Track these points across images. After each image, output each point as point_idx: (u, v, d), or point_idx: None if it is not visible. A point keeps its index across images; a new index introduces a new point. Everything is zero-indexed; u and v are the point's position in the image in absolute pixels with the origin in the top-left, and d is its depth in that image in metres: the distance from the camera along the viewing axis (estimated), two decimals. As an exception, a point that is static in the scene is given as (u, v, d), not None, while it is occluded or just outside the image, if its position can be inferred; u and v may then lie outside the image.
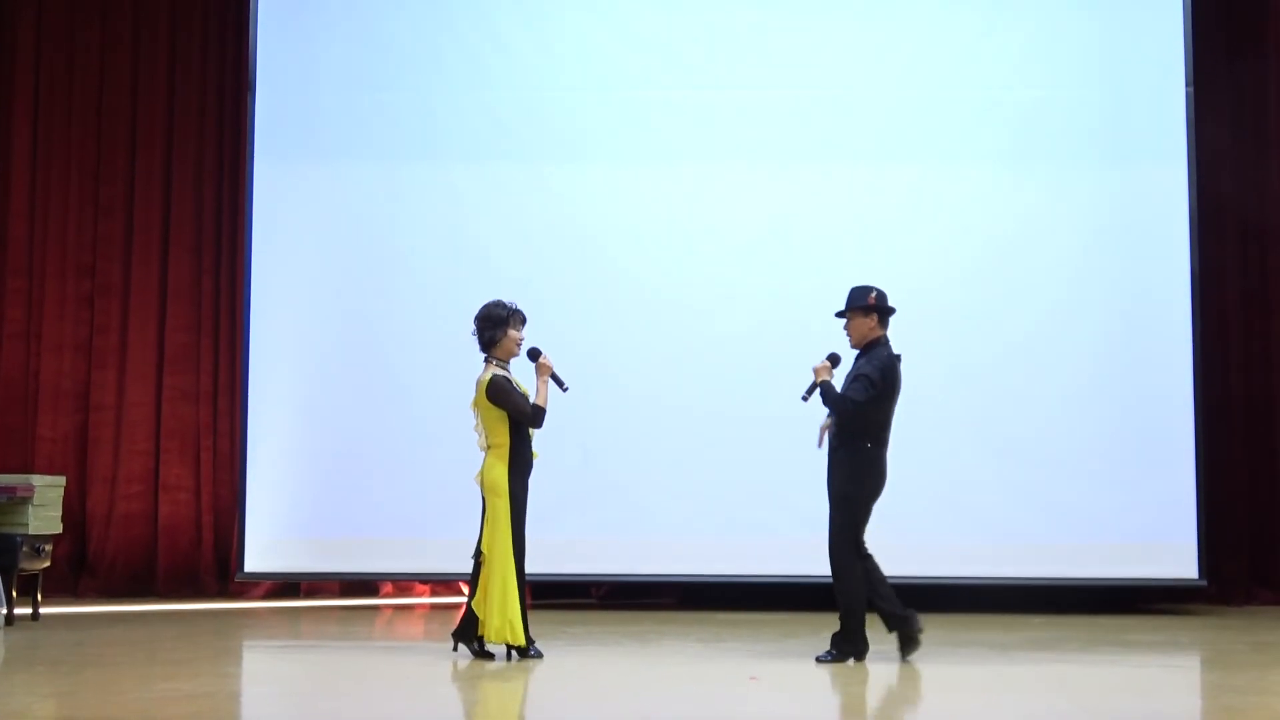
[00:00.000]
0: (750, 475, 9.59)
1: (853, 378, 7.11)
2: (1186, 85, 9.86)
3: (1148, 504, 9.62)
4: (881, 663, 7.20)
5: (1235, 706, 5.94)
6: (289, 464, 9.92)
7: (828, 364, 7.19)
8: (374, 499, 9.81)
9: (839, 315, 7.29)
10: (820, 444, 7.23)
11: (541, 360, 7.10)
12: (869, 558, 7.21)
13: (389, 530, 9.73)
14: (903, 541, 9.60)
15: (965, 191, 9.94)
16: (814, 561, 9.63)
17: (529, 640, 7.06)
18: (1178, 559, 9.57)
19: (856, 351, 7.26)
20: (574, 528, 9.58)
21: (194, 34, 11.03)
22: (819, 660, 7.07)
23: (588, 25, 10.18)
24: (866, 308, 7.18)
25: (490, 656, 7.05)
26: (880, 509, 9.54)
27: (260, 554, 9.91)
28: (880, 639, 7.92)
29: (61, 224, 10.94)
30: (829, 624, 8.90)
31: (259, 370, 10.00)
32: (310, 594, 10.65)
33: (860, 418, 7.05)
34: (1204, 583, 9.66)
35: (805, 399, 7.21)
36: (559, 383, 7.10)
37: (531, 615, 7.21)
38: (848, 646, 7.08)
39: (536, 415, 7.02)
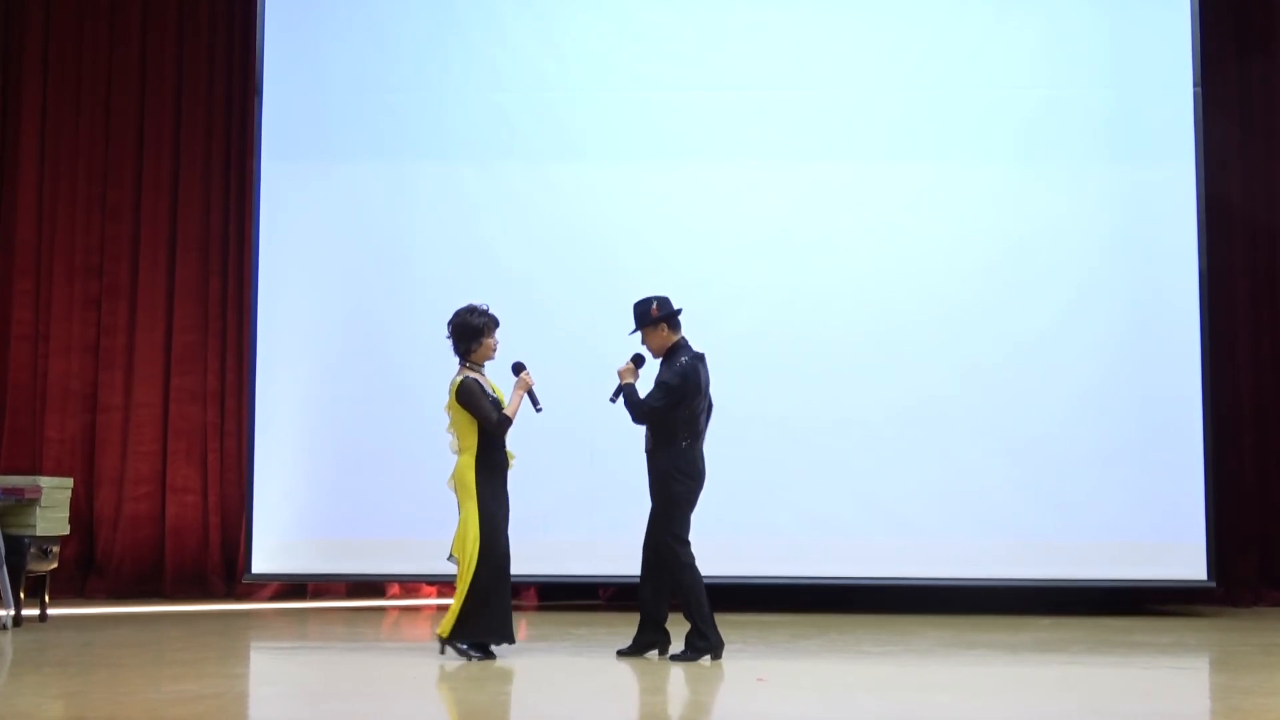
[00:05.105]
0: (757, 476, 9.57)
1: (654, 385, 7.21)
2: (1195, 85, 9.85)
3: (1156, 504, 9.59)
4: (887, 665, 7.20)
5: (1243, 708, 5.92)
6: (296, 465, 9.92)
7: (631, 366, 7.30)
8: (381, 500, 9.81)
9: (632, 334, 7.35)
10: (614, 398, 7.24)
11: (522, 376, 7.16)
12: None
13: (396, 531, 9.73)
14: (909, 542, 9.62)
15: (973, 191, 9.93)
16: (821, 563, 9.70)
17: (505, 638, 7.06)
18: (1186, 560, 9.54)
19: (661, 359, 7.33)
20: (581, 528, 9.59)
21: (201, 36, 11.05)
22: (674, 659, 7.09)
23: (596, 26, 10.18)
24: (653, 321, 7.25)
25: (493, 656, 7.07)
26: (886, 510, 9.63)
27: (267, 555, 9.92)
28: (881, 640, 7.92)
29: (69, 226, 10.96)
30: (838, 624, 8.95)
31: (266, 371, 10.01)
32: (317, 595, 10.66)
33: (661, 421, 7.15)
34: (1212, 584, 9.64)
35: (612, 401, 7.25)
36: (534, 401, 7.15)
37: (538, 616, 7.23)
38: (701, 642, 7.10)
39: (501, 424, 7.04)
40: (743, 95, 10.00)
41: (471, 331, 7.13)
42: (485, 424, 7.01)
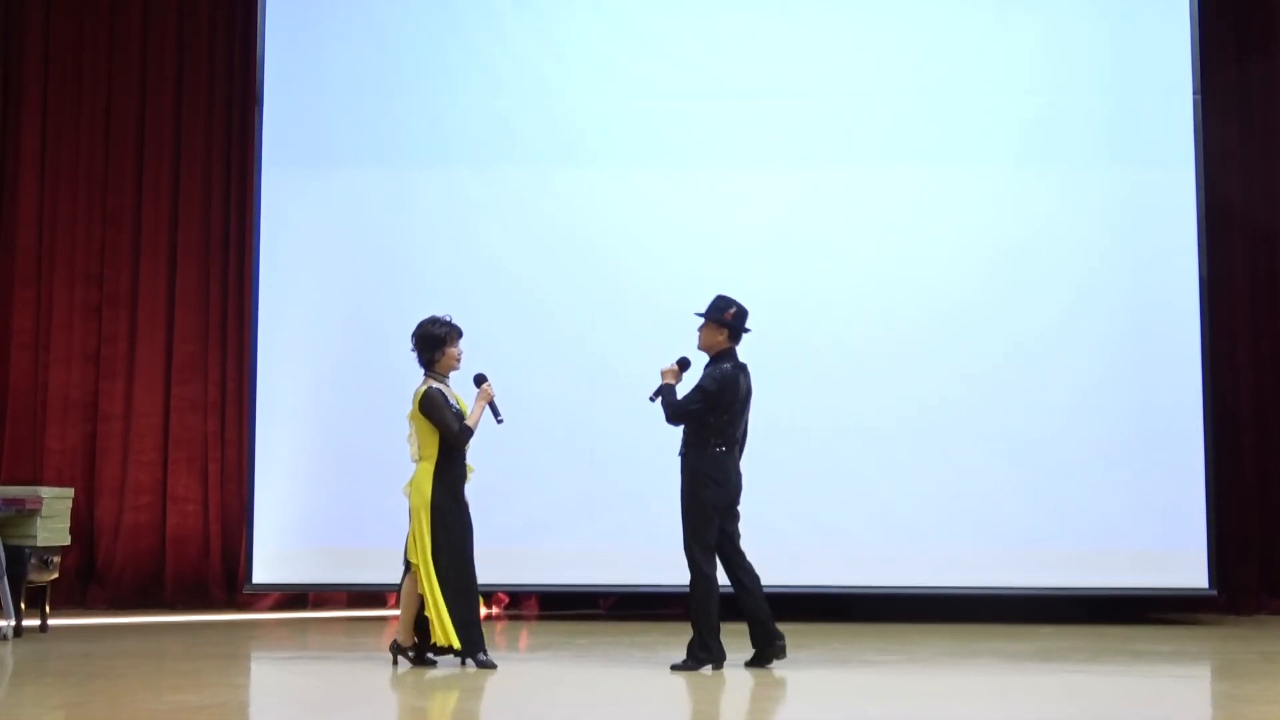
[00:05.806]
0: (758, 482, 9.50)
1: (694, 386, 7.17)
2: (1194, 92, 9.85)
3: (1156, 510, 9.58)
4: (889, 673, 7.18)
5: (1244, 716, 5.91)
6: (297, 474, 9.91)
7: (675, 368, 7.28)
8: (382, 509, 9.71)
9: (698, 315, 7.30)
10: (653, 398, 7.23)
11: (484, 388, 7.20)
12: (748, 569, 7.24)
13: (397, 541, 9.57)
14: (909, 549, 9.61)
15: (974, 195, 9.93)
16: (822, 571, 9.68)
17: (479, 647, 7.08)
18: (1187, 567, 9.52)
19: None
20: (581, 537, 9.57)
21: (202, 42, 11.04)
22: (673, 669, 7.06)
23: (597, 31, 10.18)
24: (721, 322, 7.21)
25: (433, 663, 7.20)
26: (886, 515, 9.60)
27: (268, 565, 9.91)
28: (882, 649, 7.91)
29: (69, 233, 10.95)
30: (839, 633, 8.93)
31: (267, 380, 10.00)
32: (318, 605, 10.64)
33: (696, 424, 7.13)
34: (1214, 592, 9.61)
35: (651, 400, 7.24)
36: (495, 412, 7.18)
37: (538, 627, 7.22)
38: (703, 654, 7.07)
39: (463, 434, 7.10)
40: (743, 101, 10.00)
41: (434, 341, 7.19)
42: (446, 434, 7.06)
